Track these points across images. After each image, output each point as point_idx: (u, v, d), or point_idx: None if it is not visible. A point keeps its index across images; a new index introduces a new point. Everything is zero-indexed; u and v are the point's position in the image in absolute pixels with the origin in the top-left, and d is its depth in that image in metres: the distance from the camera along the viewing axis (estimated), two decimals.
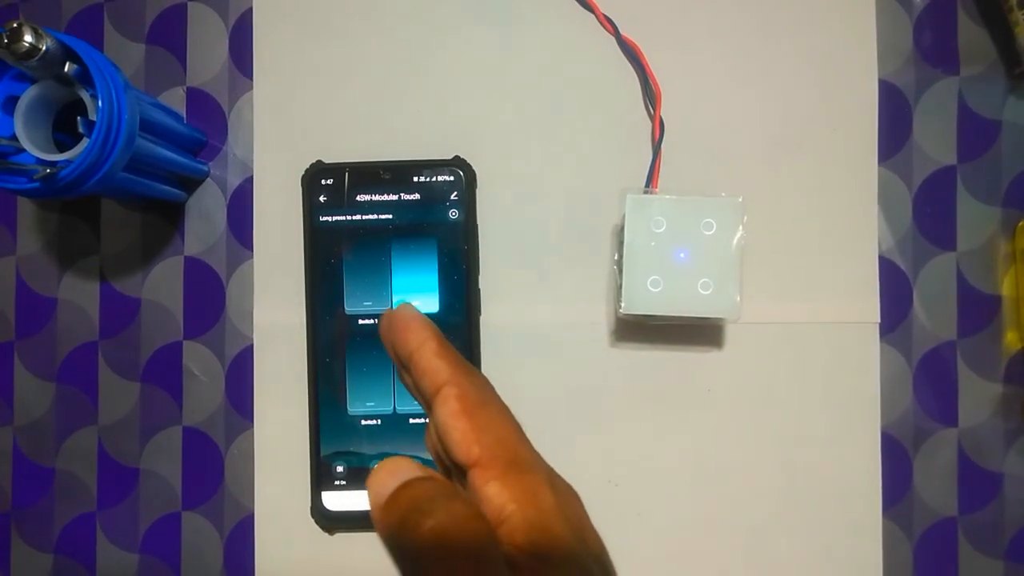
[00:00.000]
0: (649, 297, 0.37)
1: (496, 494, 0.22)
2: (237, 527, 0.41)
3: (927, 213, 0.40)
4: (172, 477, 0.41)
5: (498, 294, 0.40)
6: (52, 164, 0.32)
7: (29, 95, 0.33)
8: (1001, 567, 0.39)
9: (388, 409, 0.39)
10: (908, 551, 0.39)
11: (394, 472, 0.23)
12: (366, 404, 0.39)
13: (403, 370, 0.26)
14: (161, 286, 0.42)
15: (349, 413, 0.39)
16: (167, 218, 0.42)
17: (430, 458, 0.39)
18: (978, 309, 0.40)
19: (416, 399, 0.26)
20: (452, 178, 0.40)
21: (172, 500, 0.41)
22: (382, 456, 0.39)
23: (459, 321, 0.39)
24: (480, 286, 0.40)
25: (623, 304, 0.37)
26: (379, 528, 0.22)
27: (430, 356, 0.24)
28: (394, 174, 0.40)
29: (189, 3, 0.42)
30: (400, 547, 0.21)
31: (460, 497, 0.22)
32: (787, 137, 0.40)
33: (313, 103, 0.41)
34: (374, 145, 0.41)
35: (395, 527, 0.21)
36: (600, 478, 0.40)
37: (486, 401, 0.25)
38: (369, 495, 0.23)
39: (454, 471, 0.24)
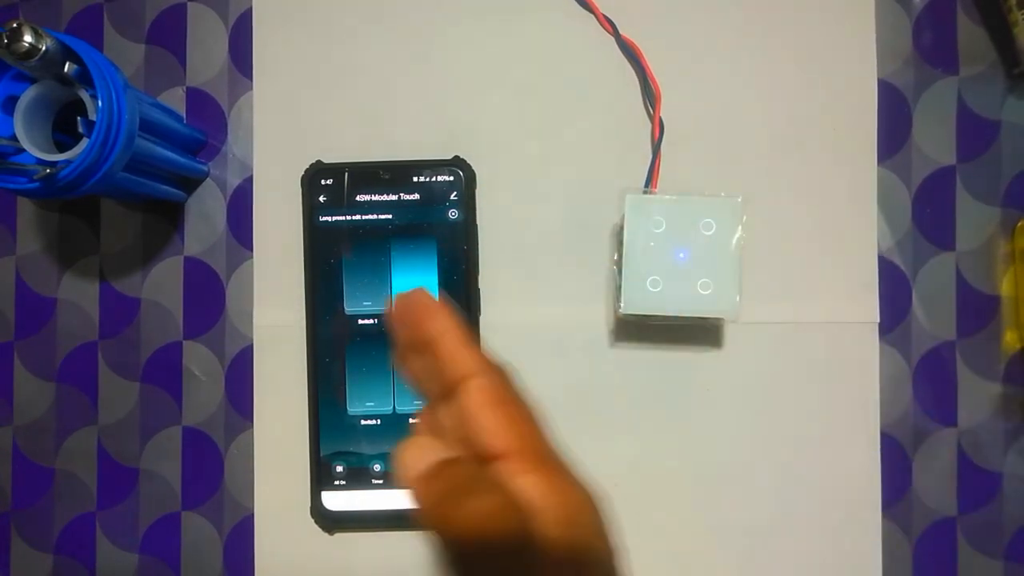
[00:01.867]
0: (649, 297, 0.37)
1: (531, 486, 0.22)
2: (237, 527, 0.41)
3: (926, 213, 0.40)
4: (172, 477, 0.41)
5: (498, 294, 0.40)
6: (52, 164, 0.32)
7: (29, 95, 0.33)
8: (1000, 567, 0.39)
9: (388, 409, 0.39)
10: (907, 551, 0.40)
11: (427, 448, 0.23)
12: (366, 404, 0.39)
13: (412, 353, 0.25)
14: (161, 286, 0.42)
15: (349, 413, 0.39)
16: (167, 218, 0.42)
17: None
18: (977, 309, 0.40)
19: (418, 386, 0.26)
20: (452, 178, 0.40)
21: (172, 500, 0.41)
22: (382, 456, 0.39)
23: None
24: (480, 286, 0.40)
25: (623, 304, 0.37)
26: (418, 500, 0.22)
27: (457, 344, 0.24)
28: (394, 174, 0.40)
29: (189, 3, 0.42)
30: (440, 525, 0.21)
31: (498, 485, 0.22)
32: (787, 137, 0.40)
33: (313, 103, 0.41)
34: (374, 145, 0.41)
35: (435, 504, 0.21)
36: (600, 478, 0.40)
37: (513, 395, 0.25)
38: (401, 467, 0.23)
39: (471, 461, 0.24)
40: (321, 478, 0.39)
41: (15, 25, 0.30)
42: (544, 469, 0.23)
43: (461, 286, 0.39)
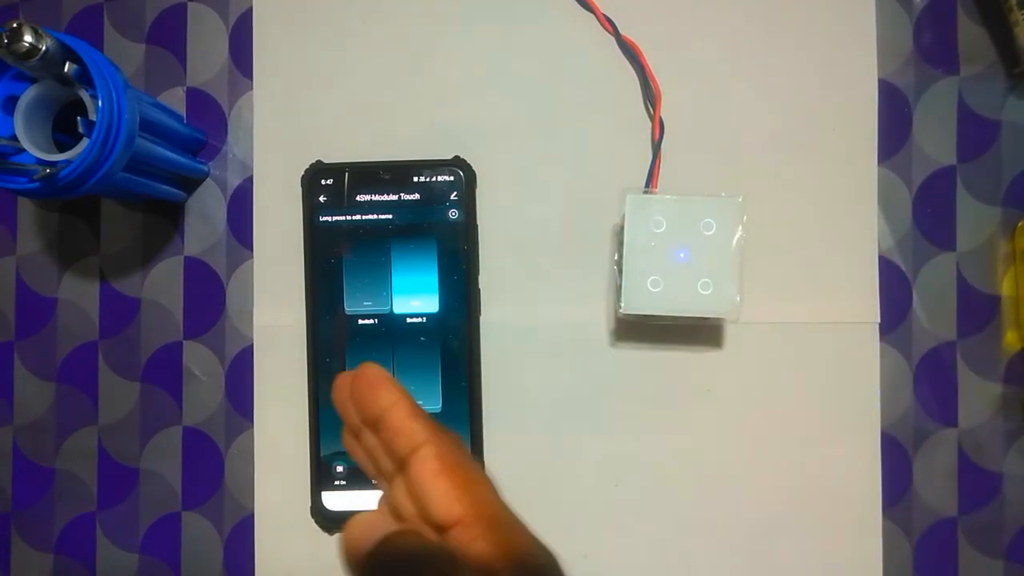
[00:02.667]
0: (649, 297, 0.37)
1: (487, 551, 0.22)
2: (237, 527, 0.41)
3: (927, 213, 0.40)
4: (172, 477, 0.41)
5: (498, 294, 0.40)
6: (52, 164, 0.32)
7: (29, 95, 0.33)
8: (1001, 567, 0.39)
9: None
10: (908, 551, 0.39)
11: (376, 524, 0.23)
12: None
13: (361, 432, 0.25)
14: (161, 286, 0.42)
15: None
16: (167, 218, 0.42)
17: None
18: (978, 309, 0.40)
19: (368, 465, 0.26)
20: (452, 178, 0.40)
21: (172, 500, 0.41)
22: None
23: (459, 321, 0.39)
24: (480, 286, 0.40)
25: (623, 304, 0.37)
26: None
27: (404, 416, 0.24)
28: (394, 174, 0.40)
29: (189, 3, 0.42)
30: None
31: (447, 554, 0.21)
32: (787, 137, 0.40)
33: (313, 103, 0.41)
34: (374, 145, 0.41)
35: None
36: (600, 478, 0.40)
37: (463, 461, 0.24)
38: (344, 553, 0.23)
39: (426, 531, 0.24)
40: (321, 478, 0.39)
41: (15, 25, 0.30)
42: (497, 533, 0.23)
43: (461, 286, 0.39)
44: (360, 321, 0.39)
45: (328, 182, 0.40)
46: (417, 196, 0.40)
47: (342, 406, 0.26)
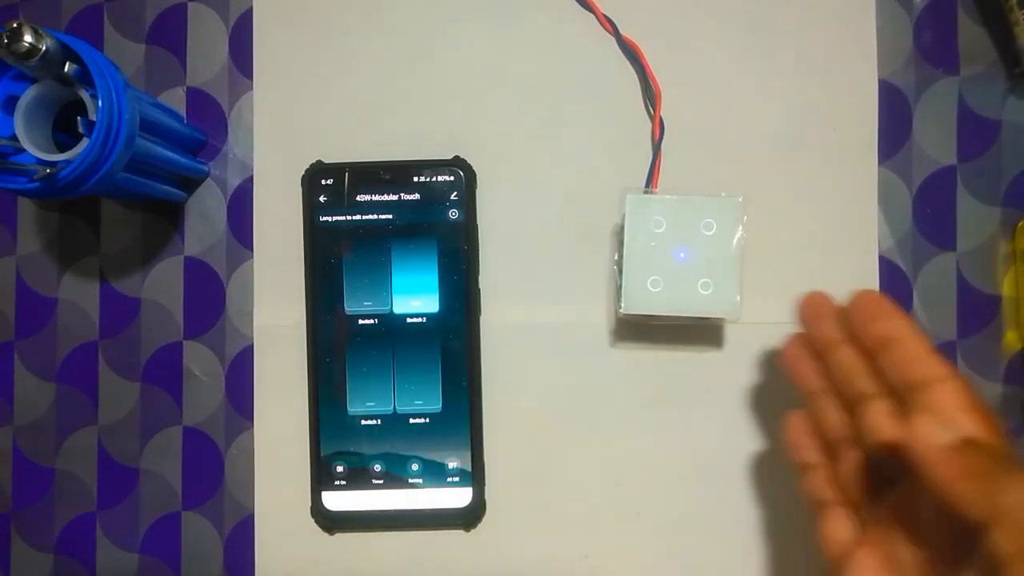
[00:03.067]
0: (649, 297, 0.37)
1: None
2: (237, 527, 0.41)
3: (927, 213, 0.40)
4: (172, 477, 0.41)
5: (498, 294, 0.40)
6: (52, 164, 0.32)
7: (29, 95, 0.33)
8: None
9: (388, 409, 0.39)
10: None
11: (949, 424, 0.25)
12: (366, 404, 0.39)
13: (834, 348, 0.29)
14: (161, 286, 0.42)
15: (349, 413, 0.39)
16: (167, 218, 0.42)
17: (431, 458, 0.39)
18: (978, 309, 0.40)
19: (811, 380, 0.30)
20: (452, 178, 0.40)
21: (172, 500, 0.41)
22: (382, 456, 0.39)
23: (459, 321, 0.39)
24: (480, 286, 0.40)
25: (623, 304, 0.37)
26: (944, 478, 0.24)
27: (924, 347, 0.27)
28: (394, 174, 0.40)
29: (189, 3, 0.42)
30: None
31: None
32: (787, 137, 0.40)
33: (313, 103, 0.41)
34: (374, 145, 0.41)
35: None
36: (600, 478, 0.40)
37: (984, 402, 0.26)
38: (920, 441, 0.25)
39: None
40: (321, 478, 0.39)
41: (15, 25, 0.30)
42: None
43: (461, 286, 0.39)
44: (360, 321, 0.39)
45: (328, 182, 0.40)
46: (417, 196, 0.40)
47: (816, 318, 0.30)
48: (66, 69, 0.32)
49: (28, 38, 0.30)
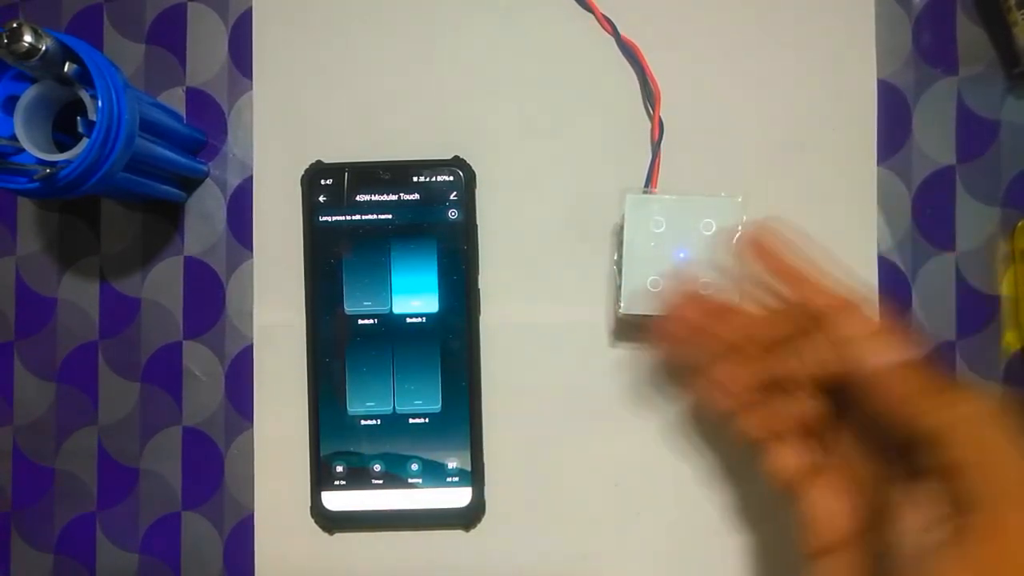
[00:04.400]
0: (649, 297, 0.37)
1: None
2: (237, 527, 0.41)
3: (926, 213, 0.40)
4: (172, 477, 0.41)
5: (498, 294, 0.40)
6: (52, 164, 0.32)
7: (29, 95, 0.33)
8: None
9: (388, 409, 0.39)
10: None
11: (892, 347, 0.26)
12: (366, 404, 0.39)
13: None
14: (161, 286, 0.42)
15: (349, 413, 0.39)
16: (167, 218, 0.42)
17: (430, 458, 0.39)
18: (977, 309, 0.40)
19: (772, 330, 0.31)
20: (452, 178, 0.40)
21: (172, 500, 0.41)
22: (382, 456, 0.39)
23: (459, 321, 0.39)
24: (480, 286, 0.40)
25: (623, 304, 0.37)
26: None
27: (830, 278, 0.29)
28: (394, 174, 0.40)
29: (189, 3, 0.42)
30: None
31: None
32: (787, 137, 0.40)
33: (313, 103, 0.41)
34: (374, 145, 0.41)
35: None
36: (600, 478, 0.40)
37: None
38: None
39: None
40: (321, 478, 0.39)
41: (15, 25, 0.30)
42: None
43: (461, 286, 0.39)
44: (360, 321, 0.40)
45: (328, 182, 0.40)
46: (417, 196, 0.40)
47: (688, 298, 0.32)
48: (66, 69, 0.32)
49: (28, 38, 0.30)
